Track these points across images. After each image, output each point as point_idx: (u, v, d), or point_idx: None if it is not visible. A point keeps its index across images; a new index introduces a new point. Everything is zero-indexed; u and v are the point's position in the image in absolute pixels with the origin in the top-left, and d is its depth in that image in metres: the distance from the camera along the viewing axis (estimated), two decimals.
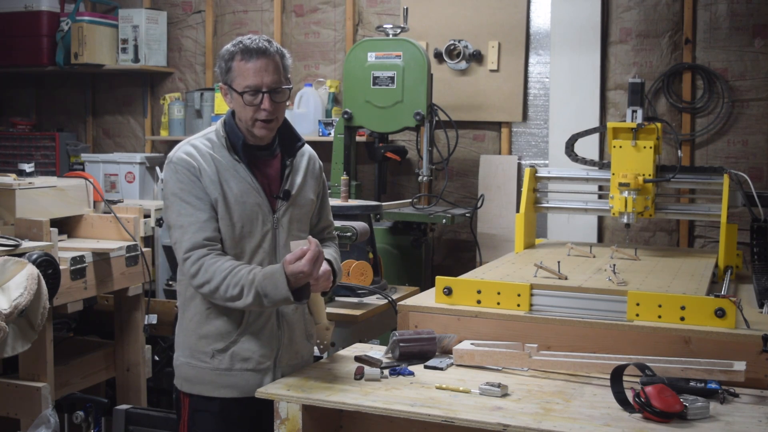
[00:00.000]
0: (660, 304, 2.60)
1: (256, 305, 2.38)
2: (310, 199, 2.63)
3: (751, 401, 2.29)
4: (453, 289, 2.86)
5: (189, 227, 2.43)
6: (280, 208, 2.54)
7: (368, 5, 5.44)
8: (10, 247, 3.08)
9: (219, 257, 2.42)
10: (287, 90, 2.50)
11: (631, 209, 3.50)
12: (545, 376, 2.50)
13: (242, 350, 2.49)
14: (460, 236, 5.23)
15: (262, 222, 2.50)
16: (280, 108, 2.49)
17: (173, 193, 2.46)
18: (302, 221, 2.61)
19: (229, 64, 2.46)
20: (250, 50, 2.43)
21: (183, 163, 2.46)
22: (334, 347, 3.31)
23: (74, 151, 5.91)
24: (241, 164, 2.49)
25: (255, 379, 2.50)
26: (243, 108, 2.46)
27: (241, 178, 2.48)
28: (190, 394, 2.54)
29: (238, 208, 2.46)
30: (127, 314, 3.91)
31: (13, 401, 3.25)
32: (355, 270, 3.51)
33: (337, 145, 4.81)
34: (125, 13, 5.84)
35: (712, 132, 4.72)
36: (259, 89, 2.43)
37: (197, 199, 2.44)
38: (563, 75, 4.97)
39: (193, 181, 2.44)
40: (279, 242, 2.53)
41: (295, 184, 2.58)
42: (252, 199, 2.48)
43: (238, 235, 2.47)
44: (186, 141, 2.55)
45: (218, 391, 2.50)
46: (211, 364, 2.49)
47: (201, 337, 2.50)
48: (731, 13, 4.66)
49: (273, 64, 2.44)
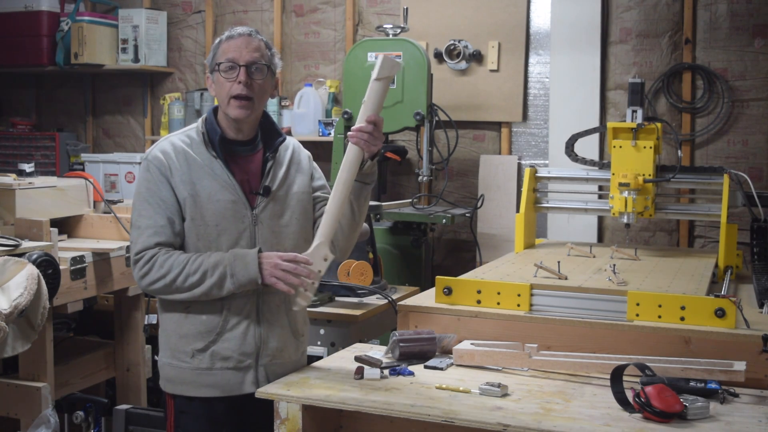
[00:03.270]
0: (660, 304, 2.60)
1: (216, 289, 2.39)
2: (296, 192, 2.59)
3: (751, 401, 2.29)
4: (453, 289, 2.85)
5: (145, 230, 2.45)
6: (260, 204, 2.51)
7: (368, 5, 5.44)
8: (10, 247, 3.08)
9: (172, 252, 2.43)
10: (267, 71, 2.50)
11: (631, 209, 3.50)
12: (545, 376, 2.50)
13: (222, 349, 2.48)
14: (460, 236, 5.23)
15: (238, 219, 2.48)
16: (257, 87, 2.48)
17: (139, 192, 2.50)
18: (285, 216, 2.56)
19: (214, 51, 2.52)
20: (232, 33, 2.51)
21: (155, 161, 2.48)
22: (334, 347, 3.32)
23: (74, 151, 5.91)
24: (218, 160, 2.49)
25: (236, 378, 2.49)
26: (221, 86, 2.47)
27: (216, 175, 2.48)
28: (174, 395, 2.54)
29: (210, 206, 2.46)
30: (127, 314, 3.91)
31: (13, 401, 3.25)
32: (355, 270, 3.51)
33: (337, 145, 4.81)
34: (125, 13, 5.84)
35: (712, 132, 4.72)
36: (237, 62, 2.45)
37: (160, 200, 2.45)
38: (563, 75, 4.97)
39: (161, 182, 2.46)
40: (259, 239, 2.51)
41: (277, 178, 2.56)
42: (226, 196, 2.47)
43: (214, 234, 2.46)
44: (166, 137, 2.56)
45: (200, 390, 2.49)
46: (192, 364, 2.49)
47: (181, 337, 2.50)
48: (731, 13, 4.66)
49: (255, 43, 2.49)
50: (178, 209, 2.46)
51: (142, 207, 2.47)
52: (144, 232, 2.45)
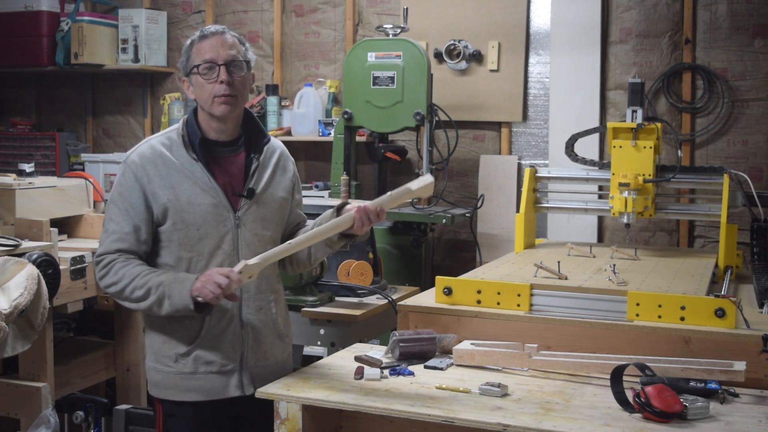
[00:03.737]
0: (660, 304, 2.60)
1: (156, 307, 2.38)
2: (279, 197, 2.58)
3: (751, 401, 2.29)
4: (453, 289, 2.85)
5: (111, 234, 2.46)
6: (243, 207, 2.49)
7: (368, 5, 5.44)
8: (10, 247, 3.08)
9: (130, 261, 2.43)
10: (246, 67, 2.49)
11: (631, 209, 3.50)
12: (545, 376, 2.50)
13: (204, 354, 2.47)
14: (460, 236, 5.23)
15: (219, 223, 2.46)
16: (239, 83, 2.47)
17: (113, 195, 2.50)
18: (267, 219, 2.54)
19: (188, 53, 2.49)
20: (205, 33, 2.48)
21: (133, 166, 2.46)
22: (334, 347, 3.32)
23: (74, 151, 5.91)
24: (199, 163, 2.46)
25: (220, 382, 2.48)
26: (201, 88, 2.45)
27: (197, 178, 2.45)
28: (161, 399, 2.53)
29: (191, 210, 2.43)
30: (127, 314, 3.91)
31: (13, 401, 3.25)
32: (355, 270, 3.51)
33: (337, 145, 4.81)
34: (125, 13, 5.84)
35: (712, 132, 4.72)
36: (215, 62, 2.43)
37: (130, 207, 2.44)
38: (563, 75, 4.97)
39: (133, 188, 2.44)
40: (241, 242, 2.49)
41: (261, 180, 2.54)
42: (206, 200, 2.45)
43: (195, 237, 2.45)
44: (147, 139, 2.54)
45: (184, 394, 2.49)
46: (175, 368, 2.48)
47: (165, 342, 2.50)
48: (731, 13, 4.66)
49: (229, 42, 2.47)
50: (146, 217, 2.44)
51: (112, 211, 2.47)
52: (109, 237, 2.46)
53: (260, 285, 2.52)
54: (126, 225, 2.44)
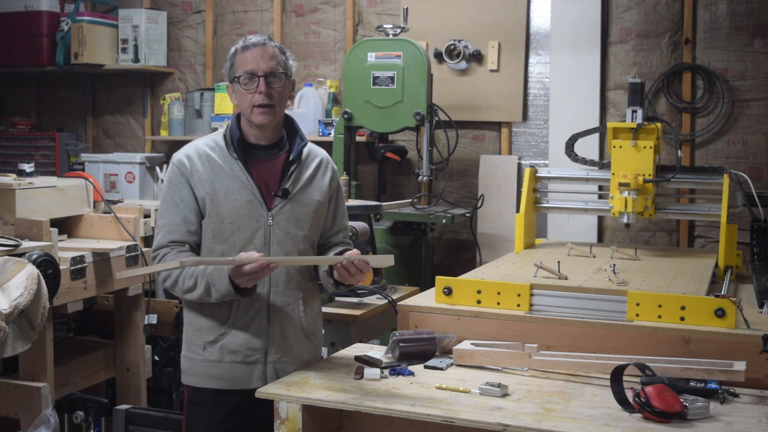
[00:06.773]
0: (660, 304, 2.60)
1: (206, 296, 2.48)
2: (315, 199, 2.66)
3: (751, 401, 2.29)
4: (453, 289, 2.86)
5: (163, 228, 2.59)
6: (277, 206, 2.58)
7: (368, 5, 5.44)
8: (10, 247, 3.08)
9: (180, 254, 2.53)
10: (285, 78, 2.59)
11: (631, 209, 3.50)
12: (545, 376, 2.50)
13: (230, 343, 2.57)
14: (460, 236, 5.23)
15: (252, 219, 2.56)
16: (277, 94, 2.57)
17: (162, 195, 2.64)
18: (302, 220, 2.62)
19: (232, 61, 2.61)
20: (248, 43, 2.59)
21: (178, 163, 2.61)
22: (334, 347, 3.32)
23: (74, 151, 5.91)
24: (238, 162, 2.58)
25: (244, 372, 2.57)
26: (243, 96, 2.57)
27: (235, 176, 2.57)
28: (188, 385, 2.64)
29: (227, 204, 2.55)
30: (127, 314, 3.91)
31: (13, 401, 3.25)
32: None
33: (337, 145, 4.81)
34: (125, 13, 5.84)
35: (712, 132, 4.72)
36: (255, 73, 2.54)
37: (180, 200, 2.57)
38: (563, 75, 4.97)
39: (180, 182, 2.58)
40: (273, 239, 2.58)
41: (298, 182, 2.62)
42: (242, 195, 2.56)
43: (228, 231, 2.56)
44: (192, 142, 2.67)
45: (209, 381, 2.59)
46: (203, 356, 2.60)
47: (195, 330, 2.62)
48: (731, 13, 4.66)
49: (270, 53, 2.57)
50: (195, 207, 2.57)
51: (164, 207, 2.61)
52: (162, 230, 2.59)
53: (289, 282, 2.61)
54: (176, 217, 2.57)
